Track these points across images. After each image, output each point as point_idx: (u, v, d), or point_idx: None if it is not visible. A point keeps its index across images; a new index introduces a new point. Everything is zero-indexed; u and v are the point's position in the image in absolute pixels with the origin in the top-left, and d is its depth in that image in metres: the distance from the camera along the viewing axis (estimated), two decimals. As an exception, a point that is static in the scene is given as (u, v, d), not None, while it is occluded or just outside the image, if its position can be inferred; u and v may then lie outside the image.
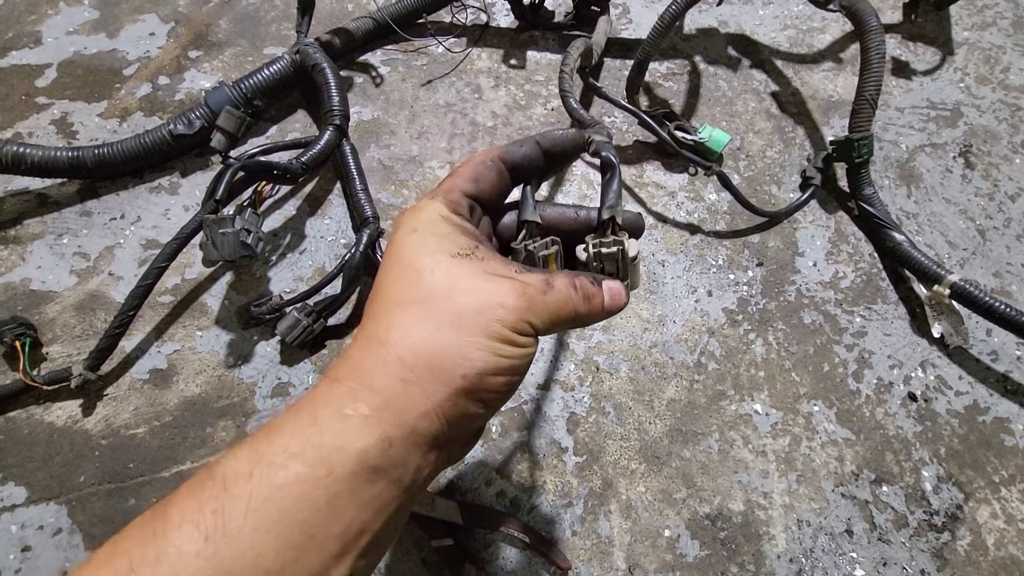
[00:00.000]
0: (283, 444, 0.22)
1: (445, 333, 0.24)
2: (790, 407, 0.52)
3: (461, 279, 0.25)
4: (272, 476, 0.21)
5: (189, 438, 0.49)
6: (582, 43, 0.60)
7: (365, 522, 0.22)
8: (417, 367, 0.23)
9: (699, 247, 0.59)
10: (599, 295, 0.27)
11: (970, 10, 0.74)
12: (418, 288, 0.25)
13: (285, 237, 0.57)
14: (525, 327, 0.25)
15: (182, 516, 0.20)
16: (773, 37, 0.71)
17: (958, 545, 0.48)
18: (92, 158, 0.56)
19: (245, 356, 0.52)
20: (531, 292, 0.25)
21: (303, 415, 0.23)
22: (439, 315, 0.24)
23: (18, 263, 0.55)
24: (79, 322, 0.53)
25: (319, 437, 0.22)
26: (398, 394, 0.23)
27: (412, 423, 0.23)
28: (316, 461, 0.21)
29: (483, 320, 0.24)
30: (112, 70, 0.65)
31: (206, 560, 0.19)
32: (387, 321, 0.24)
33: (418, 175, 0.61)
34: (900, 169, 0.63)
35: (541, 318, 0.25)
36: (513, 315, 0.24)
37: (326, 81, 0.58)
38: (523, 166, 0.29)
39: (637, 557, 0.47)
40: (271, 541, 0.20)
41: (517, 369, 0.25)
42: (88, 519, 0.46)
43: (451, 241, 0.26)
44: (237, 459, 0.21)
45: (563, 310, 0.26)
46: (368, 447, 0.22)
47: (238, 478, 0.21)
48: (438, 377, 0.23)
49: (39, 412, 0.49)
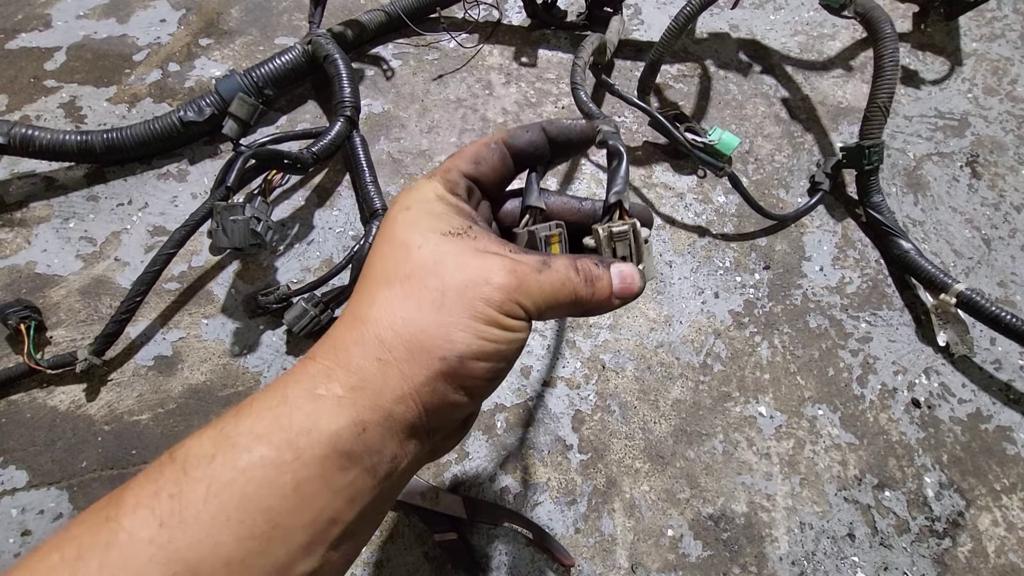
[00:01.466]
0: (249, 425, 0.20)
1: (427, 312, 0.22)
2: (794, 410, 0.52)
3: (449, 256, 0.23)
4: (236, 459, 0.19)
5: (193, 426, 0.49)
6: (597, 38, 0.60)
7: (337, 511, 0.20)
8: (395, 347, 0.22)
9: (707, 249, 0.59)
10: (605, 278, 0.25)
11: (979, 21, 0.74)
12: (405, 265, 0.23)
13: (293, 227, 0.57)
14: (514, 308, 0.23)
15: (137, 500, 0.19)
16: (784, 42, 0.71)
17: (959, 551, 0.48)
18: (100, 142, 0.55)
19: (251, 345, 0.52)
20: (523, 270, 0.23)
21: (273, 394, 0.21)
22: (423, 292, 0.22)
23: (23, 246, 0.54)
24: (84, 307, 0.52)
25: (287, 418, 0.20)
26: (374, 375, 0.21)
27: (388, 407, 0.21)
28: (283, 443, 0.20)
29: (467, 298, 0.22)
30: (122, 55, 0.65)
31: (159, 547, 0.18)
32: (370, 298, 0.23)
33: (428, 169, 0.61)
34: (907, 177, 0.64)
35: (534, 299, 0.23)
36: (500, 293, 0.22)
37: (338, 72, 0.58)
38: (527, 152, 0.27)
39: (640, 556, 0.47)
40: (232, 529, 0.18)
41: (502, 355, 0.23)
42: (89, 505, 0.46)
43: (444, 220, 0.24)
44: (201, 440, 0.20)
45: (560, 292, 0.24)
46: (340, 430, 0.20)
47: (200, 461, 0.19)
48: (416, 358, 0.22)
49: (42, 396, 0.49)
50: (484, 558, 0.46)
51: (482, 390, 0.24)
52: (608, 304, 0.25)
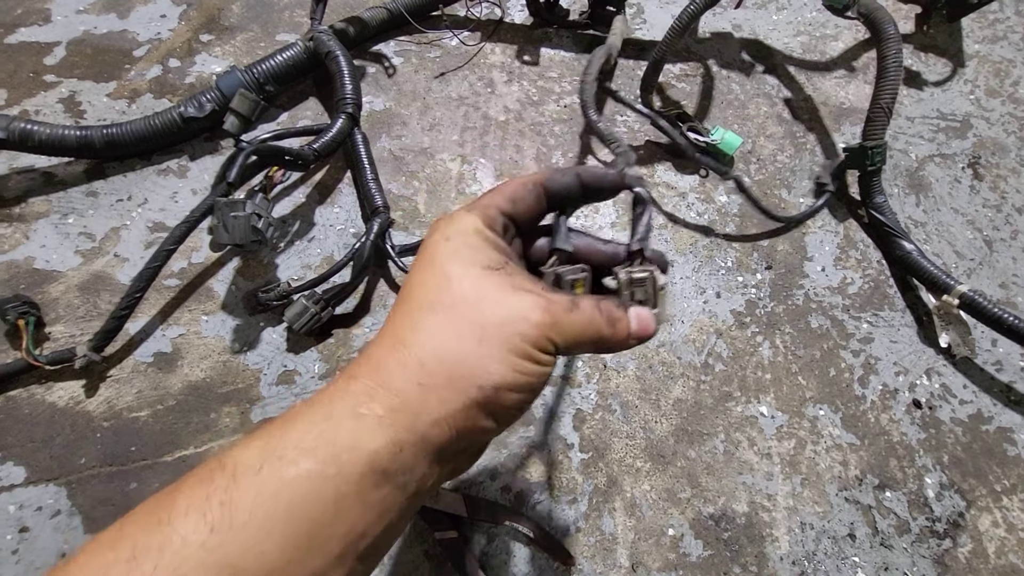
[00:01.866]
0: (296, 439, 0.21)
1: (467, 343, 0.23)
2: (796, 410, 0.52)
3: (489, 291, 0.25)
4: (282, 471, 0.20)
5: (192, 423, 0.49)
6: (604, 52, 0.59)
7: (368, 525, 0.21)
8: (436, 373, 0.23)
9: (708, 248, 0.59)
10: (624, 320, 0.27)
11: (981, 23, 0.74)
12: (446, 294, 0.25)
13: (294, 224, 0.57)
14: (547, 344, 0.25)
15: (189, 505, 0.20)
16: (786, 43, 0.71)
17: (959, 552, 0.48)
18: (100, 138, 0.55)
19: (251, 342, 0.52)
20: (556, 309, 0.25)
21: (318, 410, 0.22)
22: (464, 324, 0.24)
23: (22, 241, 0.54)
24: (83, 303, 0.52)
25: (332, 434, 0.21)
26: (414, 398, 0.23)
27: (423, 430, 0.22)
28: (328, 458, 0.21)
29: (506, 333, 0.24)
30: (122, 51, 0.65)
31: (210, 552, 0.19)
32: (412, 323, 0.24)
33: (429, 167, 0.61)
34: (909, 178, 0.64)
35: (564, 336, 0.25)
36: (536, 331, 0.24)
37: (339, 69, 0.58)
38: (561, 195, 0.29)
39: (640, 555, 0.46)
40: (276, 538, 0.19)
41: (533, 387, 0.25)
42: (88, 502, 0.46)
43: (483, 254, 0.26)
44: (248, 450, 0.21)
45: (587, 331, 0.26)
46: (379, 449, 0.21)
47: (248, 470, 0.20)
48: (455, 385, 0.23)
49: (40, 392, 0.49)
50: (484, 556, 0.46)
51: (510, 418, 0.26)
52: (624, 344, 0.28)
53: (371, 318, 0.54)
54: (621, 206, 0.60)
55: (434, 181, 0.60)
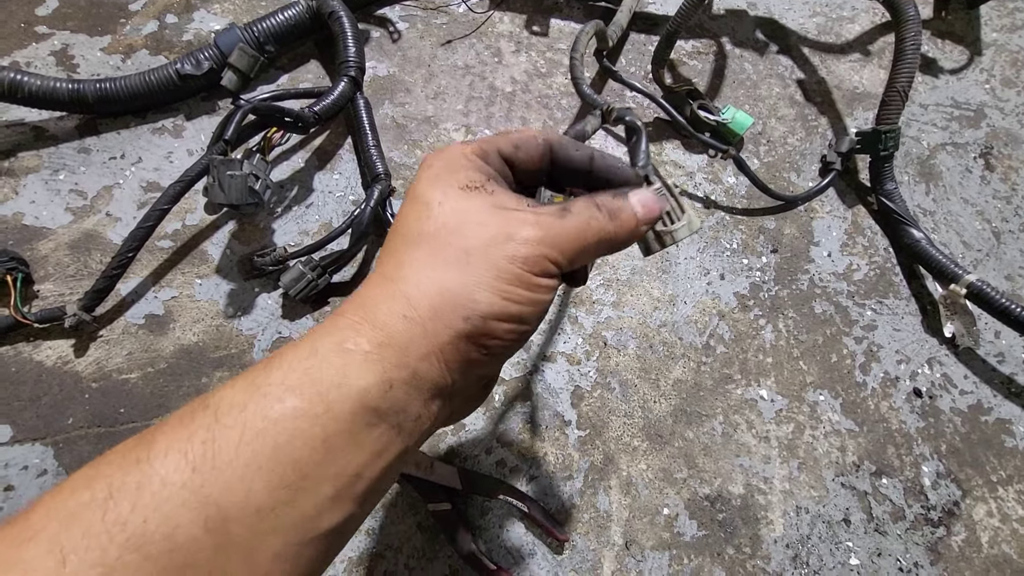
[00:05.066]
0: (281, 376, 0.20)
1: (452, 272, 0.22)
2: (796, 395, 0.52)
3: (471, 213, 0.23)
4: (267, 408, 0.19)
5: (183, 387, 0.48)
6: (592, 27, 0.58)
7: (361, 466, 0.20)
8: (420, 305, 0.22)
9: (714, 229, 0.58)
10: (628, 207, 0.25)
11: (1000, 12, 0.73)
12: (428, 222, 0.23)
13: (292, 189, 0.55)
14: (544, 263, 0.23)
15: (169, 444, 0.19)
16: (802, 23, 0.69)
17: (952, 541, 0.48)
18: (94, 92, 0.53)
19: (245, 307, 0.51)
20: (545, 220, 0.23)
21: (303, 347, 0.21)
22: (447, 251, 0.22)
23: (11, 196, 0.52)
24: (73, 261, 0.51)
25: (318, 371, 0.20)
26: (400, 331, 0.21)
27: (413, 365, 0.21)
28: (314, 396, 0.20)
29: (492, 257, 0.22)
30: (117, 4, 0.62)
31: (192, 492, 0.18)
32: (398, 258, 0.23)
33: (432, 136, 0.59)
34: (920, 166, 0.63)
35: (562, 248, 0.23)
36: (526, 248, 0.22)
37: (343, 31, 0.56)
38: (565, 167, 0.27)
39: (635, 533, 0.46)
40: (263, 477, 0.18)
41: (526, 317, 0.23)
42: (75, 462, 0.45)
43: (462, 174, 0.24)
44: (232, 390, 0.20)
45: (587, 233, 0.24)
46: (368, 387, 0.20)
47: (231, 408, 0.19)
48: (440, 317, 0.22)
49: (28, 350, 0.48)
50: (478, 530, 0.45)
51: (504, 351, 0.24)
52: (636, 233, 0.25)
53: (369, 287, 0.53)
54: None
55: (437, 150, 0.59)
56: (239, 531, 0.18)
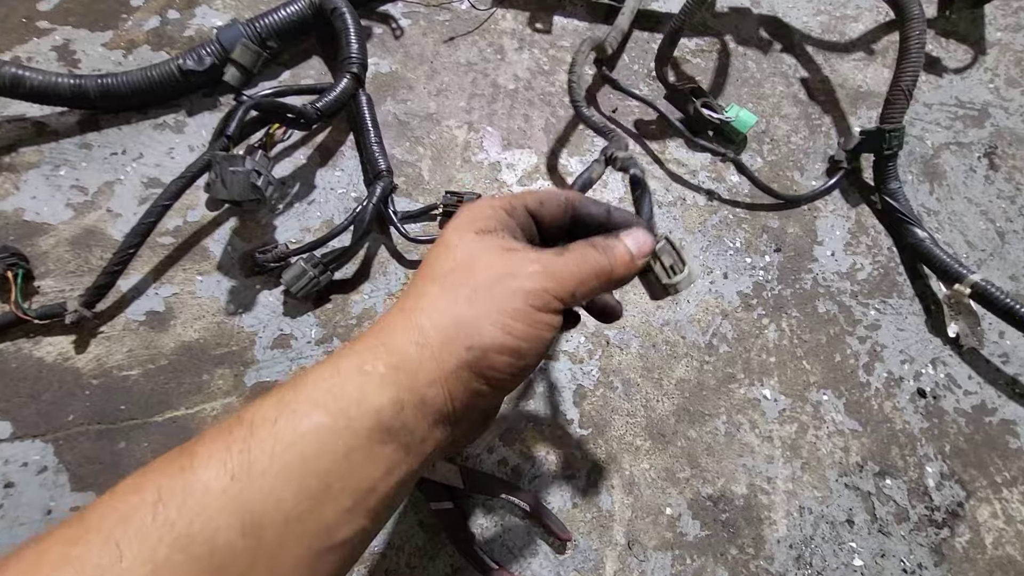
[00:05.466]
0: (307, 394, 0.22)
1: (461, 306, 0.24)
2: (799, 394, 0.52)
3: (481, 254, 0.26)
4: (296, 423, 0.21)
5: (184, 384, 0.48)
6: (588, 45, 0.57)
7: (376, 480, 0.22)
8: (431, 335, 0.24)
9: (717, 228, 0.57)
10: (620, 244, 0.27)
11: (1005, 11, 0.72)
12: (445, 262, 0.26)
13: (294, 186, 0.55)
14: (545, 297, 0.25)
15: (210, 454, 0.20)
16: (805, 21, 0.69)
17: (957, 542, 0.48)
18: (95, 88, 0.53)
19: (246, 304, 0.51)
20: (545, 258, 0.26)
21: (327, 367, 0.23)
22: (459, 288, 0.25)
23: (11, 191, 0.52)
24: (74, 257, 0.50)
25: (340, 388, 0.22)
26: (412, 357, 0.23)
27: (422, 390, 0.23)
28: (337, 412, 0.21)
29: (497, 293, 0.24)
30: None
31: (231, 498, 0.19)
32: (417, 292, 0.26)
33: (434, 133, 0.59)
34: (924, 165, 0.62)
35: (563, 284, 0.25)
36: (529, 282, 0.25)
37: (346, 27, 0.55)
38: (585, 222, 0.29)
39: (637, 533, 0.46)
40: (292, 487, 0.20)
41: (524, 351, 0.25)
42: (75, 459, 0.45)
43: (479, 222, 0.27)
44: (264, 406, 0.22)
45: (583, 267, 0.26)
46: (383, 407, 0.22)
47: (264, 422, 0.21)
48: (447, 347, 0.24)
49: (28, 346, 0.47)
50: (479, 529, 0.45)
51: (504, 384, 0.26)
52: (632, 266, 0.28)
53: (371, 284, 0.53)
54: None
55: (439, 148, 0.58)
56: (270, 537, 0.19)
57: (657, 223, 0.56)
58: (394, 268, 0.53)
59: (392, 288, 0.53)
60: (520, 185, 0.57)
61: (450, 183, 0.57)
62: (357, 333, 0.51)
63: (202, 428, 0.47)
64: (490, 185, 0.57)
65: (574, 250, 0.26)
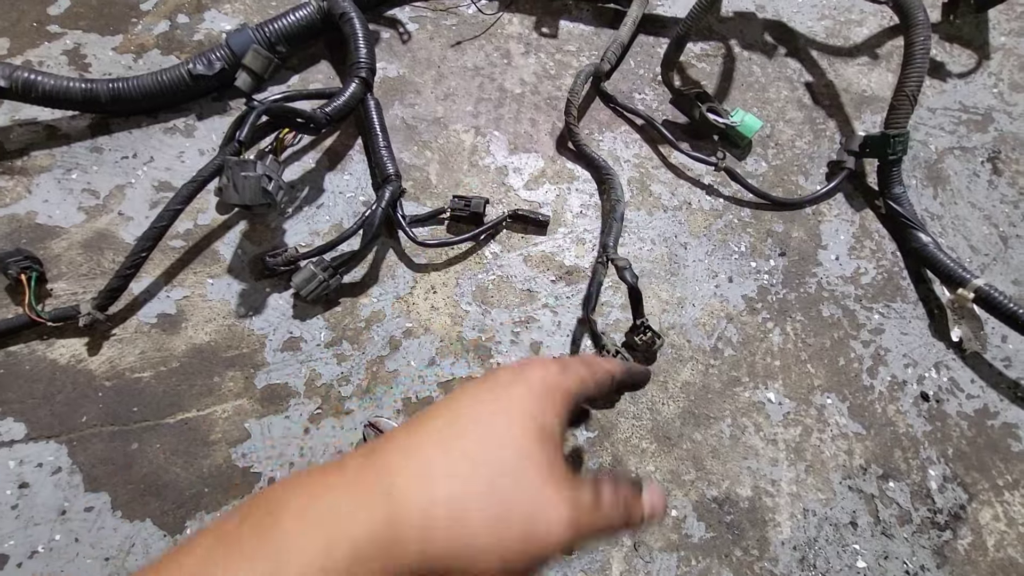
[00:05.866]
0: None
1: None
2: (803, 398, 0.52)
3: (528, 469, 0.24)
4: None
5: (196, 386, 0.48)
6: (585, 75, 0.58)
7: None
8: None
9: (723, 232, 0.58)
10: (639, 508, 0.26)
11: (1009, 15, 0.73)
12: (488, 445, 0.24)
13: (303, 190, 0.56)
14: (562, 546, 0.23)
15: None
16: (810, 26, 0.69)
17: (959, 544, 0.48)
18: (106, 92, 0.53)
19: (257, 307, 0.51)
20: (582, 518, 0.23)
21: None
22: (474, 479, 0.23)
23: (24, 195, 0.53)
24: (86, 260, 0.51)
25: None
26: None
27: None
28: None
29: (514, 526, 0.22)
30: (129, 4, 0.63)
31: None
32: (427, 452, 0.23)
33: (442, 137, 0.59)
34: (928, 170, 0.63)
35: (579, 534, 0.23)
36: (555, 539, 0.22)
37: (354, 32, 0.56)
38: (624, 387, 0.31)
39: (643, 534, 0.46)
40: None
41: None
42: (89, 460, 0.45)
43: (551, 411, 0.26)
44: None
45: (604, 530, 0.25)
46: None
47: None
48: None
49: (42, 348, 0.48)
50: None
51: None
52: (637, 526, 0.27)
53: (379, 287, 0.53)
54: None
55: (447, 152, 0.59)
56: None
57: (658, 234, 0.56)
58: (403, 271, 0.54)
59: (400, 291, 0.53)
60: (527, 189, 0.58)
61: (457, 187, 0.57)
62: (365, 336, 0.51)
63: (213, 430, 0.47)
64: (497, 189, 0.57)
65: (605, 506, 0.24)
